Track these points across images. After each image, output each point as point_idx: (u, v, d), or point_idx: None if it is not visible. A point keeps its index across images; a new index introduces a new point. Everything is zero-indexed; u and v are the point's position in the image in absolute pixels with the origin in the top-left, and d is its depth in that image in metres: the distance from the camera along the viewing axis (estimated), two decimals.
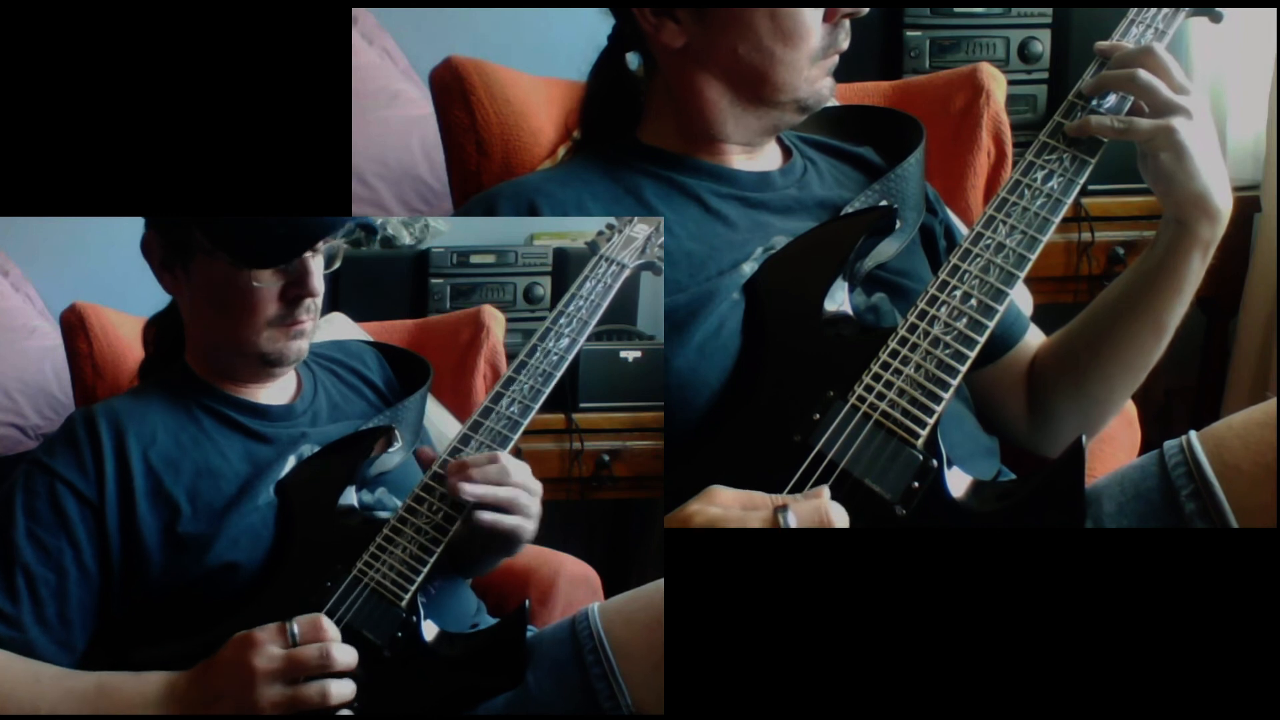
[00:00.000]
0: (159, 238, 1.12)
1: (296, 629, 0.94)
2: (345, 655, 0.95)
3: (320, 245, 1.10)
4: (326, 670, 0.94)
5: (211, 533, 1.06)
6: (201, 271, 1.10)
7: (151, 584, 1.05)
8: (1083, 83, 1.04)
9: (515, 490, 1.05)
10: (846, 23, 1.10)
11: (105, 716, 0.95)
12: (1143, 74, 0.99)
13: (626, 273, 1.21)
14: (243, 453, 1.12)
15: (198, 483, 1.08)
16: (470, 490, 1.03)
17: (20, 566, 1.02)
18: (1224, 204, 1.02)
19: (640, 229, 1.22)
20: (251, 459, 1.12)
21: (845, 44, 1.11)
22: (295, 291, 1.09)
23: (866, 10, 1.09)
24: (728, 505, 0.86)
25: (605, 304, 1.19)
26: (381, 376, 1.31)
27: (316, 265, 1.10)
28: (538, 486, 1.09)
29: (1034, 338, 1.23)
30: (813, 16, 1.07)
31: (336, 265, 1.15)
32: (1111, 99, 1.03)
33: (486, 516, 1.04)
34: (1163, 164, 1.00)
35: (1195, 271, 1.06)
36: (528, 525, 1.07)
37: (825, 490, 0.87)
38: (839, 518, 0.84)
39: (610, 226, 1.24)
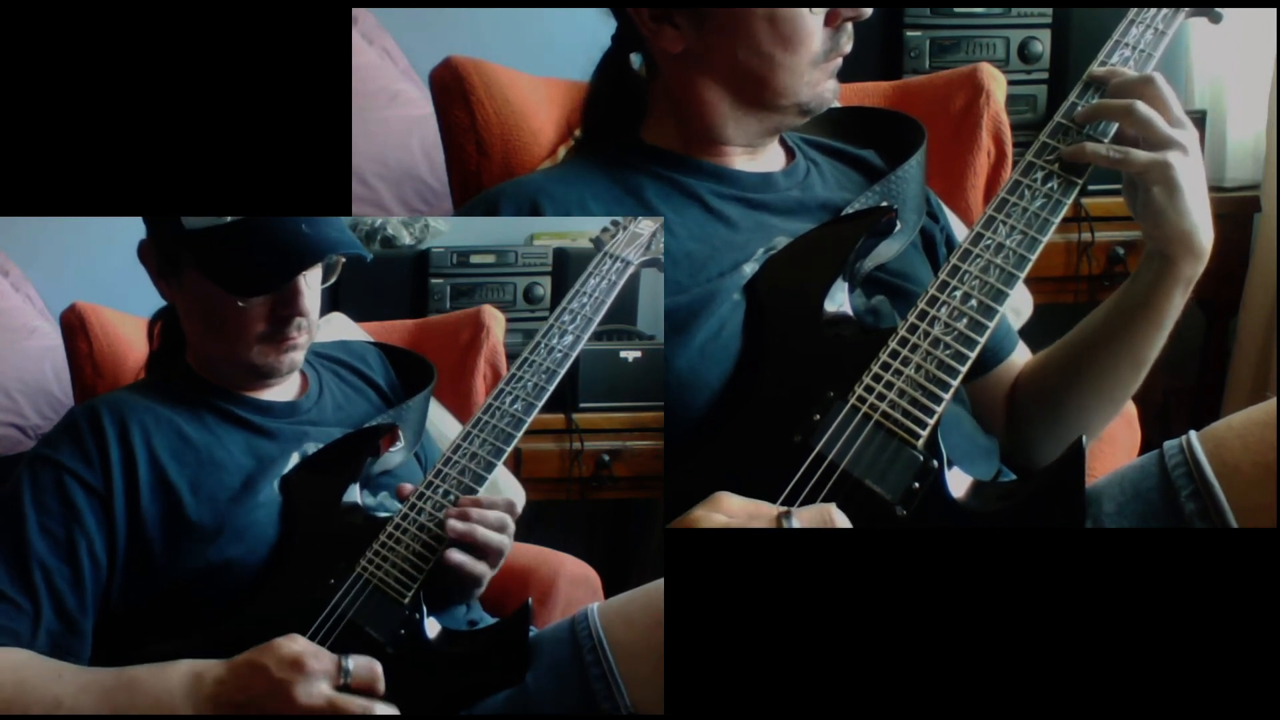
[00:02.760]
0: (154, 247, 1.12)
1: (352, 668, 0.93)
2: (386, 712, 0.94)
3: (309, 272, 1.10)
4: None
5: (215, 525, 1.06)
6: (192, 287, 1.10)
7: (155, 577, 1.05)
8: (1074, 106, 1.02)
9: (496, 536, 1.05)
10: (849, 25, 1.09)
11: (128, 713, 0.94)
12: (1140, 106, 0.97)
13: (631, 269, 1.21)
14: (245, 447, 1.12)
15: (200, 473, 1.08)
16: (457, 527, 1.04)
17: (36, 562, 1.02)
18: (1208, 242, 1.02)
19: (645, 225, 1.22)
20: (255, 453, 1.12)
21: (848, 47, 1.10)
22: (285, 311, 1.09)
23: (869, 13, 1.08)
24: (733, 514, 0.86)
25: (610, 301, 1.19)
26: (384, 377, 1.31)
27: (309, 283, 1.10)
28: (509, 545, 1.08)
29: (1020, 356, 1.22)
30: (813, 20, 1.06)
31: (334, 279, 1.14)
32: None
33: (456, 556, 1.04)
34: (1154, 199, 0.99)
35: (1176, 306, 1.06)
36: (487, 574, 1.06)
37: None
38: (842, 520, 0.85)
39: (615, 223, 1.24)
